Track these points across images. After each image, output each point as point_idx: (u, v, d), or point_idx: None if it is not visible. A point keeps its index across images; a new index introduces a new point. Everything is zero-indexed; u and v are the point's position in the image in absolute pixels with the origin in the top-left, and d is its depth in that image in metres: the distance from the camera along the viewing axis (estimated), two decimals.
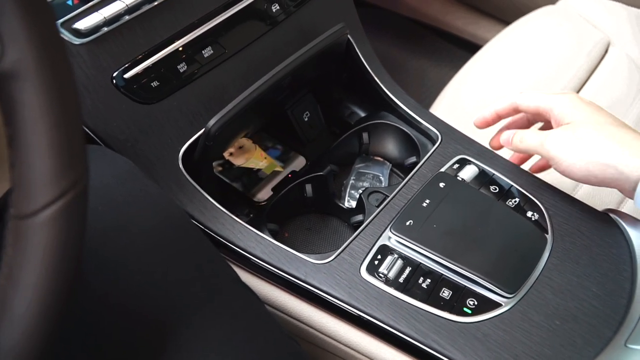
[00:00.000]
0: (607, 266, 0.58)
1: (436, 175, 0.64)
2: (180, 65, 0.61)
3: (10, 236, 0.34)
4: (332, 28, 0.68)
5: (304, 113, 0.75)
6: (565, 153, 0.58)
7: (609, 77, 0.96)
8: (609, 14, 1.04)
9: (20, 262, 0.33)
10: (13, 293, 0.34)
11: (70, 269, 0.35)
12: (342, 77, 0.80)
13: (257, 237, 0.60)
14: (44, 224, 0.33)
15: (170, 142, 0.61)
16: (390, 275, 0.57)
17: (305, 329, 0.60)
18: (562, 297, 0.56)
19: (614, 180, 0.56)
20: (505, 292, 0.55)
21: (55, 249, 0.34)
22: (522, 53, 0.97)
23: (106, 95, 0.57)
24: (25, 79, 0.31)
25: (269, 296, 0.60)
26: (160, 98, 0.61)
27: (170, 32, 0.61)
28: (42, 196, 0.32)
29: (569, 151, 0.58)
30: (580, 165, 0.57)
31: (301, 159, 0.76)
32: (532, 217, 0.61)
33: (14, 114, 0.32)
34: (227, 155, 0.74)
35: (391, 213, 0.62)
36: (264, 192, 0.72)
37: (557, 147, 0.59)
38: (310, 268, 0.58)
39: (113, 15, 0.56)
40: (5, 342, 0.34)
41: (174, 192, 0.60)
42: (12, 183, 0.33)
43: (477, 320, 0.54)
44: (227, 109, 0.60)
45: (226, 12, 0.65)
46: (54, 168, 0.32)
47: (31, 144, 0.32)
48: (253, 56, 0.68)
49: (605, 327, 0.54)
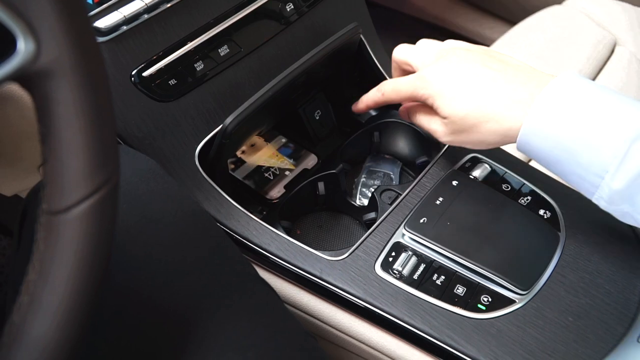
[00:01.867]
0: (619, 263, 0.59)
1: (449, 173, 0.65)
2: (197, 63, 0.62)
3: (42, 231, 0.34)
4: (345, 27, 0.68)
5: (315, 112, 0.76)
6: (446, 86, 0.57)
7: (616, 77, 0.97)
8: (615, 13, 1.05)
9: (51, 257, 0.34)
10: (44, 287, 0.34)
11: (100, 265, 0.36)
12: (354, 75, 0.80)
13: (272, 233, 0.61)
14: (77, 219, 0.33)
15: (186, 140, 0.62)
16: (404, 272, 0.57)
17: (321, 325, 0.60)
18: (574, 294, 0.56)
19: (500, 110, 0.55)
20: (518, 289, 0.56)
21: (87, 244, 0.34)
22: (529, 53, 0.98)
23: (125, 92, 0.58)
24: (62, 77, 0.31)
25: (284, 293, 0.61)
26: (177, 96, 0.61)
27: (188, 30, 0.62)
28: (76, 192, 0.33)
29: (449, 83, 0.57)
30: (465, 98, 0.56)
31: (313, 157, 0.76)
32: (544, 215, 0.62)
33: (49, 111, 0.32)
34: (240, 153, 0.75)
35: (404, 211, 0.62)
36: (276, 189, 0.73)
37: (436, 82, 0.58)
38: (325, 265, 0.58)
39: (132, 14, 0.56)
40: (36, 334, 0.35)
41: (190, 188, 0.61)
42: (45, 179, 0.34)
43: (492, 317, 0.55)
44: (243, 107, 0.60)
45: (242, 11, 0.65)
46: (88, 165, 0.33)
47: (66, 141, 0.32)
48: (268, 55, 0.69)
49: (617, 323, 0.55)
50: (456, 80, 0.57)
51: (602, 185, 0.51)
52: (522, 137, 0.54)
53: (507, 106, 0.55)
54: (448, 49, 0.61)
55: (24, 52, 0.30)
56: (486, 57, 0.58)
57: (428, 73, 0.59)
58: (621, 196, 0.51)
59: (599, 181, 0.51)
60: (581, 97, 0.52)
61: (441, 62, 0.59)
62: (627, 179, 0.49)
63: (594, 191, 0.53)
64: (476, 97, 0.56)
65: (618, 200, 0.51)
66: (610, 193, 0.51)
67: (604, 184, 0.51)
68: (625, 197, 0.51)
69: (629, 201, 0.51)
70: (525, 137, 0.54)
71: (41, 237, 0.34)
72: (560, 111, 0.52)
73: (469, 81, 0.57)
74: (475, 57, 0.58)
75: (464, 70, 0.57)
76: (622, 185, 0.50)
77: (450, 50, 0.60)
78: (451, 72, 0.58)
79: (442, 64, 0.59)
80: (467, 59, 0.58)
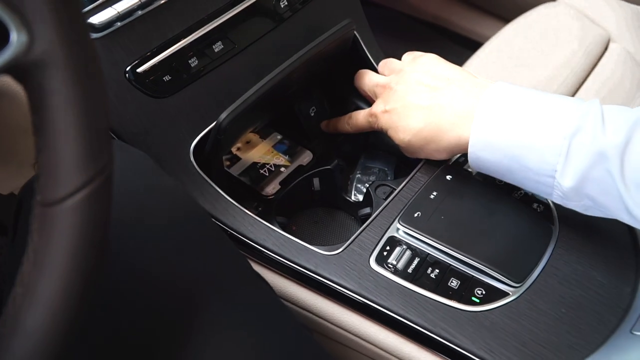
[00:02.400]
0: (612, 255, 0.59)
1: (443, 167, 0.65)
2: (191, 59, 0.62)
3: (36, 222, 0.34)
4: (339, 24, 0.69)
5: (310, 108, 0.76)
6: (391, 119, 0.64)
7: (609, 73, 0.97)
8: (608, 10, 1.05)
9: (46, 249, 0.34)
10: (39, 278, 0.34)
11: (95, 256, 0.36)
12: (348, 72, 0.80)
13: (267, 229, 0.61)
14: (71, 210, 0.33)
15: (181, 136, 0.62)
16: (399, 266, 0.58)
17: (316, 320, 0.60)
18: (568, 286, 0.57)
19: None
20: (512, 282, 0.56)
21: (82, 235, 0.34)
22: (523, 50, 0.98)
23: (119, 89, 0.58)
24: (55, 67, 0.31)
25: (280, 288, 0.61)
26: (172, 92, 0.62)
27: (182, 27, 0.62)
28: (70, 183, 0.33)
29: (393, 117, 0.64)
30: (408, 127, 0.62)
31: (308, 154, 0.76)
32: (537, 209, 0.62)
33: (42, 101, 0.32)
34: (235, 150, 0.75)
35: (399, 205, 0.63)
36: (272, 186, 0.73)
37: (382, 118, 0.66)
38: (320, 259, 0.59)
39: (126, 10, 0.57)
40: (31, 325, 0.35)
41: (185, 184, 0.61)
42: (38, 170, 0.34)
43: (486, 309, 0.55)
44: (237, 103, 0.61)
45: (236, 7, 0.66)
46: (82, 155, 0.33)
47: (60, 132, 0.32)
48: (262, 51, 0.69)
49: (610, 314, 0.55)
50: (398, 114, 0.64)
51: (555, 185, 0.54)
52: (471, 154, 0.58)
53: (450, 123, 0.60)
54: (393, 79, 0.67)
55: (16, 43, 0.30)
56: (429, 77, 0.64)
57: (376, 109, 0.67)
58: (577, 192, 0.52)
59: (551, 181, 0.54)
60: (516, 103, 0.56)
61: (387, 95, 0.66)
62: (576, 175, 0.51)
63: (550, 191, 0.55)
64: (417, 124, 0.62)
65: (575, 196, 0.53)
66: (564, 191, 0.53)
67: (556, 183, 0.53)
68: (581, 193, 0.52)
69: (587, 196, 0.52)
70: (474, 153, 0.58)
71: (35, 229, 0.34)
72: (500, 120, 0.56)
73: (411, 111, 0.63)
74: (420, 79, 0.64)
75: (407, 101, 0.63)
76: (573, 182, 0.52)
77: (394, 79, 0.66)
78: (394, 105, 0.64)
79: (388, 96, 0.66)
80: (411, 87, 0.64)
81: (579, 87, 0.95)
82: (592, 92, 0.94)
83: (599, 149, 0.50)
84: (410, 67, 0.67)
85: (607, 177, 0.50)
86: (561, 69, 0.95)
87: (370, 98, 0.72)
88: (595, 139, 0.50)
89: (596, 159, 0.50)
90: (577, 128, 0.51)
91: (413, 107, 0.62)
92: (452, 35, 1.41)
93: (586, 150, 0.50)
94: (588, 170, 0.50)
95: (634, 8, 1.06)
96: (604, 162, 0.50)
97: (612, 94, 0.94)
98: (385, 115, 0.65)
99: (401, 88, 0.65)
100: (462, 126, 0.59)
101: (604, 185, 0.50)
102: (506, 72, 0.95)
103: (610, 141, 0.49)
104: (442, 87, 0.62)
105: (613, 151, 0.49)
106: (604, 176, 0.50)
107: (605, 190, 0.50)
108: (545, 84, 0.93)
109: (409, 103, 0.63)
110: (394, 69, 0.70)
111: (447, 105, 0.60)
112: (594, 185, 0.51)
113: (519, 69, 0.96)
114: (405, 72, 0.66)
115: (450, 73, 0.63)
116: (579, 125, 0.51)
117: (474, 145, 0.57)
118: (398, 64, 0.70)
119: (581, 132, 0.51)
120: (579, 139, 0.51)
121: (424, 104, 0.62)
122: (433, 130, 0.61)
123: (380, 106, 0.66)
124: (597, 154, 0.50)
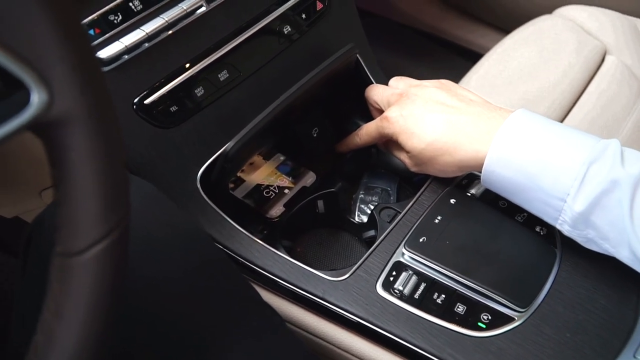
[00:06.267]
0: (615, 278, 0.60)
1: (446, 191, 0.66)
2: (197, 89, 0.63)
3: (56, 272, 0.35)
4: (342, 48, 0.69)
5: (312, 129, 0.77)
6: (405, 124, 0.63)
7: (606, 85, 0.98)
8: (605, 22, 1.06)
9: (66, 299, 0.35)
10: (59, 327, 0.35)
11: (113, 301, 0.36)
12: (349, 91, 0.81)
13: (274, 255, 0.61)
14: (91, 261, 0.34)
15: (188, 164, 0.63)
16: (405, 292, 0.58)
17: (324, 345, 0.61)
18: (572, 310, 0.58)
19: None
20: (517, 307, 0.57)
21: (101, 285, 0.35)
22: (521, 63, 0.99)
23: (127, 120, 0.59)
24: (75, 124, 0.32)
25: (287, 313, 0.62)
26: (178, 122, 0.62)
27: (187, 57, 0.62)
28: (90, 235, 0.34)
29: (408, 122, 0.63)
30: (422, 135, 0.62)
31: (311, 175, 0.77)
32: (540, 232, 0.63)
33: (62, 156, 0.33)
34: (239, 172, 0.76)
35: (404, 229, 0.63)
36: (276, 208, 0.73)
37: (396, 122, 0.64)
38: (327, 285, 0.59)
39: (133, 44, 0.57)
40: None
41: (192, 212, 0.62)
42: (59, 222, 0.34)
43: (492, 335, 0.56)
44: (244, 132, 0.61)
45: (240, 36, 0.66)
46: (102, 209, 0.33)
47: (80, 186, 0.33)
48: (266, 78, 0.69)
49: (614, 338, 0.56)
50: (415, 119, 0.63)
51: (564, 209, 0.54)
52: (487, 167, 0.58)
53: (470, 137, 0.59)
54: (411, 89, 0.66)
55: (37, 103, 0.31)
56: (444, 94, 0.64)
57: (390, 113, 0.65)
58: (584, 219, 0.53)
59: (561, 205, 0.54)
60: (539, 128, 0.57)
61: (403, 101, 0.65)
62: (588, 201, 0.52)
63: (557, 216, 0.56)
64: (434, 133, 0.61)
65: (581, 224, 0.54)
66: (573, 216, 0.54)
67: (567, 207, 0.54)
68: (588, 221, 0.53)
69: (592, 225, 0.53)
70: (490, 166, 0.58)
71: (55, 279, 0.35)
72: (521, 140, 0.56)
73: (427, 119, 0.62)
74: (435, 95, 0.64)
75: (422, 108, 0.62)
76: (583, 207, 0.52)
77: (413, 89, 0.66)
78: (411, 111, 0.63)
79: (404, 103, 0.64)
80: (432, 97, 0.63)
81: (576, 100, 0.96)
82: (589, 104, 0.95)
83: (614, 178, 0.51)
84: (430, 82, 0.66)
85: (616, 207, 0.50)
86: (558, 81, 0.95)
87: (379, 111, 0.72)
88: (612, 168, 0.51)
89: (609, 187, 0.51)
90: (596, 157, 0.52)
91: (432, 116, 0.62)
92: (448, 45, 1.42)
93: (601, 178, 0.51)
94: (600, 197, 0.51)
95: (630, 20, 1.07)
96: (617, 190, 0.50)
97: (609, 106, 0.95)
98: (400, 119, 0.64)
99: (422, 95, 0.64)
100: (482, 142, 0.58)
101: (611, 215, 0.51)
102: (504, 86, 0.96)
103: (626, 172, 0.51)
104: (463, 107, 0.62)
105: (627, 180, 0.50)
106: (614, 206, 0.51)
107: (612, 221, 0.51)
108: (543, 97, 0.93)
109: (428, 110, 0.62)
110: (411, 83, 0.69)
111: (469, 121, 0.60)
112: (603, 213, 0.52)
113: (518, 82, 0.96)
114: (424, 85, 0.66)
115: (473, 96, 0.64)
116: (599, 155, 0.52)
117: (491, 159, 0.57)
118: (414, 80, 0.70)
119: (600, 161, 0.52)
120: (597, 167, 0.52)
121: (444, 115, 0.61)
122: (450, 142, 0.60)
123: (395, 111, 0.65)
124: (611, 182, 0.51)
